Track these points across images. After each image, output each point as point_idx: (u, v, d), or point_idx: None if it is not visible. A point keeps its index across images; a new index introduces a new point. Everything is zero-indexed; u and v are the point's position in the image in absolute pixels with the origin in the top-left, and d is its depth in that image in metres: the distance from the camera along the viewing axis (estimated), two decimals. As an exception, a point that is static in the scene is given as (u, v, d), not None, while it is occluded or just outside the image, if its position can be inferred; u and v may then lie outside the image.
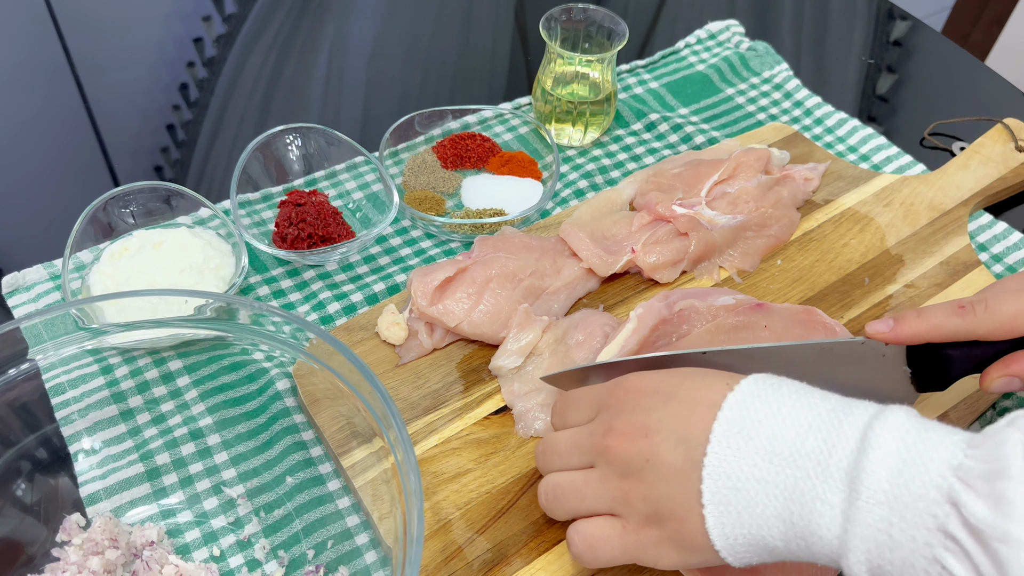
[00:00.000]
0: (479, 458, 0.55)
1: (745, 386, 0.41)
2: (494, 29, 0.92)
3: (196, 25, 0.89)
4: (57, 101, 0.80)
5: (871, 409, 0.39)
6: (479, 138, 0.75)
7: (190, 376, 0.59)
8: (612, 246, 0.64)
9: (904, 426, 0.37)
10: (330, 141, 0.71)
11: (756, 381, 0.42)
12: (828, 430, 0.38)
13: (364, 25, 0.91)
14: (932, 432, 0.36)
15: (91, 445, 0.55)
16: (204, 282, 0.60)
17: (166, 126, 0.79)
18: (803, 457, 0.38)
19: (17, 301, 0.63)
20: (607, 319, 0.60)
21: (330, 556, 0.51)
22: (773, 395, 0.40)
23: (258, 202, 0.69)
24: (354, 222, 0.69)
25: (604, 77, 0.74)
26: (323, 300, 0.64)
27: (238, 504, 0.53)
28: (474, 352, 0.60)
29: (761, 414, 0.40)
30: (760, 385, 0.41)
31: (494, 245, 0.63)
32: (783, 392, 0.40)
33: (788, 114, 0.82)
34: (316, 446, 0.56)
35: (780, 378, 0.42)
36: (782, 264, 0.67)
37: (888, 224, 0.70)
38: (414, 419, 0.56)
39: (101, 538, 0.49)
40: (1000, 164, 0.73)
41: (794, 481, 0.37)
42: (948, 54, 0.92)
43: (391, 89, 0.84)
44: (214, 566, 0.51)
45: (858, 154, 0.78)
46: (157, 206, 0.66)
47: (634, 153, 0.78)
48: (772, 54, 0.87)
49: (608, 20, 0.73)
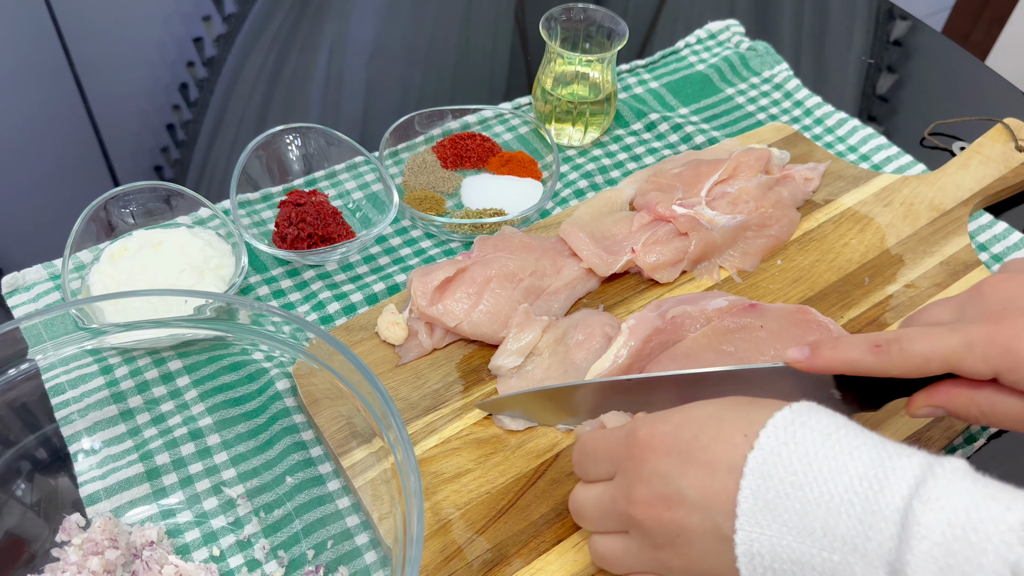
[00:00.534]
0: (479, 458, 0.55)
1: (766, 442, 0.38)
2: (494, 29, 0.92)
3: (196, 25, 0.89)
4: (57, 101, 0.80)
5: (912, 472, 0.34)
6: (479, 138, 0.75)
7: (190, 376, 0.59)
8: (612, 246, 0.64)
9: (951, 506, 0.32)
10: (330, 141, 0.71)
11: (777, 432, 0.38)
12: (863, 507, 0.34)
13: (364, 25, 0.91)
14: (984, 512, 0.32)
15: (91, 445, 0.55)
16: (204, 282, 0.60)
17: (166, 126, 0.79)
18: (838, 540, 0.35)
19: (17, 301, 0.63)
20: (607, 319, 0.60)
21: (330, 556, 0.51)
22: (799, 452, 0.37)
23: (258, 202, 0.69)
24: (354, 222, 0.69)
25: (604, 77, 0.74)
26: (323, 300, 0.64)
27: (238, 504, 0.53)
28: (474, 352, 0.60)
29: (787, 482, 0.36)
30: (783, 437, 0.38)
31: (494, 245, 0.63)
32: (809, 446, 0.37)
33: (788, 114, 0.82)
34: (316, 446, 0.56)
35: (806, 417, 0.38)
36: (782, 264, 0.67)
37: (888, 224, 0.70)
38: (414, 419, 0.56)
39: (101, 538, 0.49)
40: (1000, 164, 0.73)
41: (832, 566, 0.35)
42: (948, 54, 0.92)
43: (391, 89, 0.84)
44: (214, 566, 0.50)
45: (858, 154, 0.78)
46: (157, 206, 0.66)
47: (634, 153, 0.78)
48: (772, 54, 0.87)
49: (608, 20, 0.73)
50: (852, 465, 0.36)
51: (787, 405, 0.39)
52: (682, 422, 0.41)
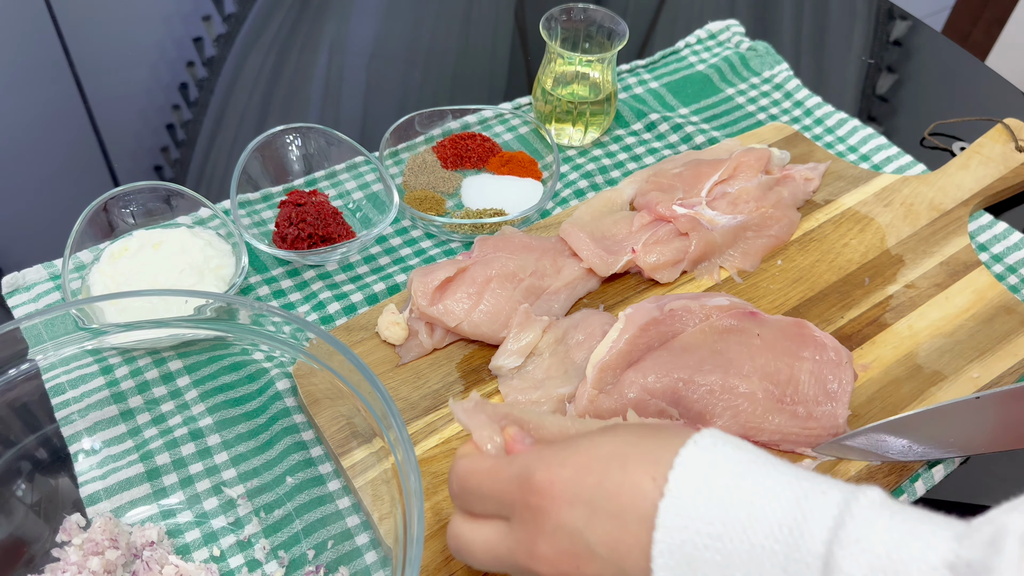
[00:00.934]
0: (479, 458, 0.55)
1: (676, 487, 0.35)
2: (494, 29, 0.92)
3: (196, 25, 0.89)
4: (57, 101, 0.80)
5: (831, 512, 0.33)
6: (479, 138, 0.75)
7: (190, 376, 0.59)
8: (612, 246, 0.64)
9: (871, 548, 0.31)
10: (330, 141, 0.71)
11: (687, 475, 0.35)
12: (785, 556, 0.32)
13: (364, 25, 0.91)
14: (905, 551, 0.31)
15: (91, 445, 0.55)
16: (204, 282, 0.60)
17: (166, 126, 0.79)
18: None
19: (17, 301, 0.63)
20: (607, 319, 0.60)
21: (330, 556, 0.51)
22: (713, 498, 0.34)
23: (258, 202, 0.69)
24: (354, 222, 0.69)
25: (604, 77, 0.74)
26: (323, 300, 0.64)
27: (238, 504, 0.53)
28: (474, 352, 0.60)
29: (704, 533, 0.34)
30: (695, 481, 0.35)
31: (494, 245, 0.63)
32: (723, 491, 0.34)
33: (788, 114, 0.82)
34: (316, 446, 0.56)
35: (713, 454, 0.36)
36: (782, 264, 0.67)
37: (888, 224, 0.70)
38: (414, 419, 0.56)
39: (101, 538, 0.49)
40: (1000, 164, 0.73)
41: None
42: (948, 54, 0.92)
43: (391, 89, 0.84)
44: (214, 566, 0.50)
45: (858, 154, 0.78)
46: (157, 206, 0.66)
47: (634, 153, 0.78)
48: (772, 54, 0.87)
49: (608, 20, 0.73)
50: (770, 509, 0.33)
51: (690, 438, 0.37)
52: (583, 465, 0.38)
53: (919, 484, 0.55)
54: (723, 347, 0.57)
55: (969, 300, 0.65)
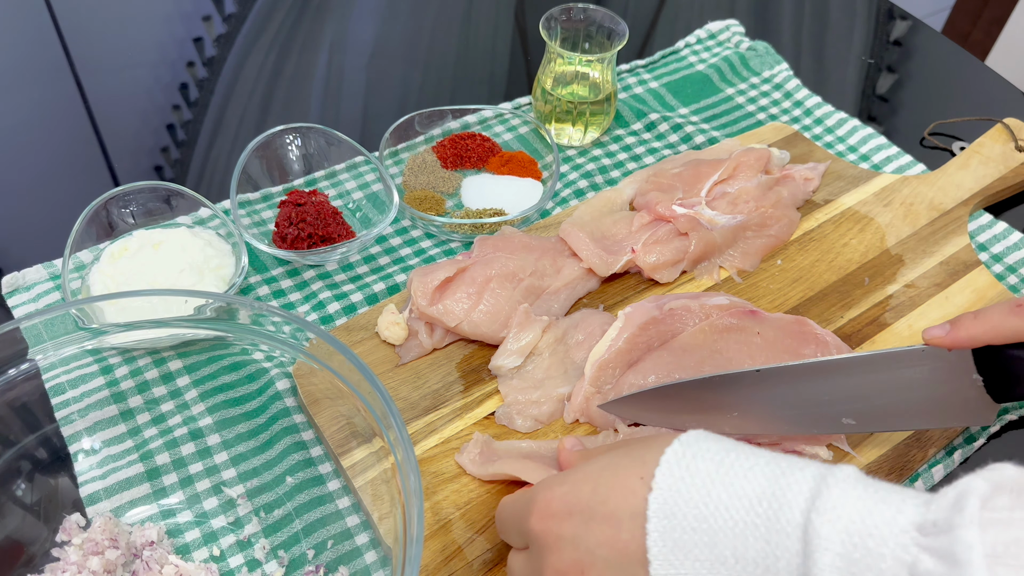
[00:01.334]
0: (479, 458, 0.55)
1: (662, 480, 0.37)
2: (494, 29, 0.92)
3: (196, 25, 0.89)
4: (57, 101, 0.80)
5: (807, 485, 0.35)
6: (479, 138, 0.75)
7: (190, 376, 0.59)
8: (612, 246, 0.64)
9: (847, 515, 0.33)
10: (330, 141, 0.71)
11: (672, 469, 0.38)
12: (766, 527, 0.35)
13: (364, 25, 0.91)
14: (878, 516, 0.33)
15: (91, 445, 0.55)
16: (204, 282, 0.60)
17: (166, 126, 0.79)
18: (750, 564, 0.35)
19: (17, 301, 0.63)
20: (607, 319, 0.60)
21: (330, 556, 0.51)
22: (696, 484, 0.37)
23: (258, 202, 0.69)
24: (354, 222, 0.69)
25: (604, 77, 0.74)
26: (323, 300, 0.64)
27: (238, 504, 0.53)
28: (474, 352, 0.60)
29: (691, 516, 0.36)
30: (678, 472, 0.37)
31: (494, 245, 0.63)
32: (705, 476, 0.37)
33: (788, 114, 0.82)
34: (316, 446, 0.56)
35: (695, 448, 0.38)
36: (782, 264, 0.67)
37: (888, 224, 0.70)
38: (414, 419, 0.56)
39: (101, 538, 0.49)
40: (1000, 164, 0.73)
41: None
42: (948, 54, 0.92)
43: (391, 89, 0.84)
44: (214, 566, 0.51)
45: (858, 154, 0.78)
46: (157, 206, 0.66)
47: (634, 153, 0.78)
48: (772, 54, 0.87)
49: (608, 20, 0.73)
50: (749, 487, 0.36)
51: (676, 438, 0.39)
52: (579, 479, 0.41)
53: (919, 484, 0.55)
54: (723, 346, 0.57)
55: (969, 300, 0.65)
